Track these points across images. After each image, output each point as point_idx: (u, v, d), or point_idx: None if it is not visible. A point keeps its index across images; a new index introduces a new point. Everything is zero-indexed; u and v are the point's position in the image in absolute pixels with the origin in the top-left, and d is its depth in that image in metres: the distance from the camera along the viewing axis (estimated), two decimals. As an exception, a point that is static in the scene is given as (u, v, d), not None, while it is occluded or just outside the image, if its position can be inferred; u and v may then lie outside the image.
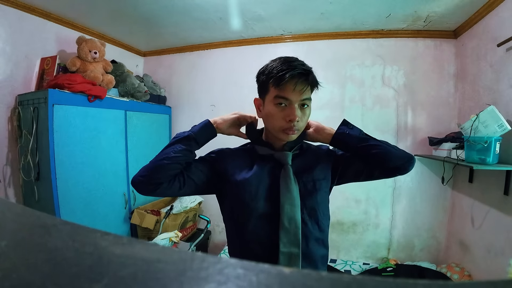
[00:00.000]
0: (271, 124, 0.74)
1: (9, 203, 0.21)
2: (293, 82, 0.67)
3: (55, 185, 1.60)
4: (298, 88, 0.68)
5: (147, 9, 1.91)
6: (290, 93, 0.68)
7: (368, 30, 2.18)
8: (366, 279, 0.12)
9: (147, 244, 0.15)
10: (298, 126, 0.71)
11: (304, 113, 0.72)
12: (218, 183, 0.80)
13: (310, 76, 0.70)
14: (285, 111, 0.70)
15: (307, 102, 0.72)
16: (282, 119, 0.70)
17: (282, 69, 0.68)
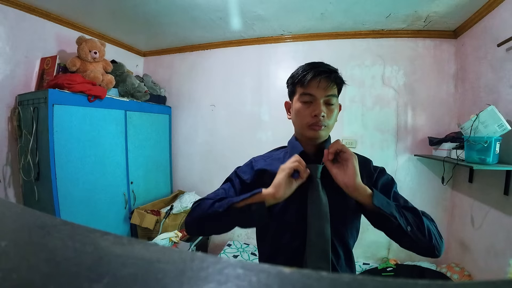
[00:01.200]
0: (299, 122, 0.75)
1: (9, 203, 0.21)
2: (317, 79, 0.70)
3: (55, 185, 1.60)
4: (322, 85, 0.70)
5: (147, 9, 1.91)
6: (314, 89, 0.71)
7: (368, 30, 2.18)
8: (366, 279, 0.12)
9: (147, 244, 0.15)
10: (324, 122, 0.71)
11: (330, 109, 0.72)
12: None
13: (334, 74, 0.72)
14: (310, 107, 0.71)
15: (332, 99, 0.72)
16: (308, 115, 0.71)
17: (307, 69, 0.73)
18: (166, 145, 2.69)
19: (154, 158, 2.48)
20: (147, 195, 2.38)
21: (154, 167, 2.48)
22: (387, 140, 2.21)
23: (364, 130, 2.25)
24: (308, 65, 0.74)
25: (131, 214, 2.16)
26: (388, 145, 2.21)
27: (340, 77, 0.74)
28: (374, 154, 2.23)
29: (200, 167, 2.70)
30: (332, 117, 0.73)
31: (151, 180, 2.44)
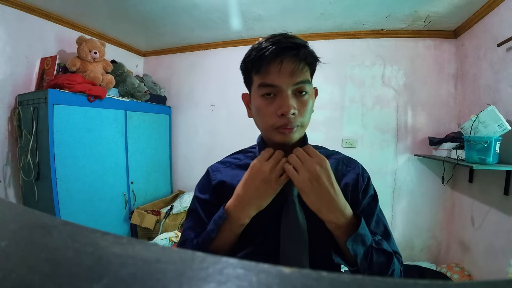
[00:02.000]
0: (262, 124, 0.55)
1: (9, 203, 0.21)
2: (277, 61, 0.49)
3: (55, 185, 1.60)
4: (286, 68, 0.49)
5: (147, 9, 1.91)
6: (275, 76, 0.50)
7: (368, 30, 2.18)
8: (366, 279, 0.12)
9: (147, 244, 0.15)
10: (297, 121, 0.51)
11: (302, 102, 0.52)
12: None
13: (302, 50, 0.50)
14: (274, 102, 0.51)
15: (304, 87, 0.52)
16: (272, 114, 0.51)
17: (263, 47, 0.50)
18: (166, 145, 2.69)
19: (154, 158, 2.48)
20: (147, 195, 2.38)
21: (154, 167, 2.48)
22: (387, 140, 2.21)
23: (364, 130, 2.25)
24: (265, 41, 0.51)
25: (131, 214, 2.16)
26: (388, 145, 2.21)
27: (312, 54, 0.53)
28: (374, 154, 2.23)
29: (200, 167, 2.70)
30: (306, 113, 0.53)
31: (151, 180, 2.44)
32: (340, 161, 0.64)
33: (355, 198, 0.59)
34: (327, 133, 2.33)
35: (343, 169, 0.62)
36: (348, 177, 0.60)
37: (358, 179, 0.60)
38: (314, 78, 0.57)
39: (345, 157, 0.67)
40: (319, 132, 2.35)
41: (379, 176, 2.23)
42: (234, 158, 0.67)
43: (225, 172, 0.64)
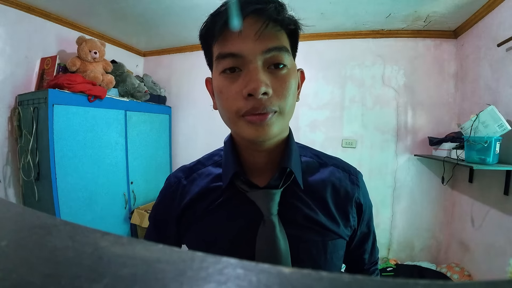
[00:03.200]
0: (225, 113, 0.41)
1: (9, 203, 0.21)
2: (238, 19, 0.36)
3: (55, 185, 1.60)
4: (250, 29, 0.36)
5: (147, 9, 1.91)
6: (236, 41, 0.37)
7: (368, 30, 2.18)
8: (366, 279, 0.12)
9: (147, 244, 0.15)
10: (272, 105, 0.38)
11: (280, 78, 0.39)
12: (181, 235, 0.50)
13: (271, 5, 0.37)
14: (239, 80, 0.38)
15: (280, 57, 0.38)
16: (237, 95, 0.38)
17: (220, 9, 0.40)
18: (166, 145, 2.69)
19: (154, 158, 2.48)
20: (147, 195, 2.38)
21: (154, 167, 2.48)
22: (387, 140, 2.21)
23: (364, 130, 2.25)
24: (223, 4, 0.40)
25: (131, 214, 2.16)
26: (388, 145, 2.21)
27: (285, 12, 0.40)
28: (374, 154, 2.23)
29: (200, 167, 2.70)
30: (286, 93, 0.39)
31: (151, 180, 2.44)
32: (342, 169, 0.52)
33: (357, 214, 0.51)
34: (327, 133, 2.33)
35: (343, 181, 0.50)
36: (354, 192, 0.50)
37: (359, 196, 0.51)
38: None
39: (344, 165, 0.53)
40: (319, 132, 2.35)
41: (379, 176, 2.23)
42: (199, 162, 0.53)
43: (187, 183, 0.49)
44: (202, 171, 0.50)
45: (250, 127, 0.38)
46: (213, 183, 0.47)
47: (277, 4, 0.38)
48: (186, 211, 0.47)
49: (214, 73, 0.42)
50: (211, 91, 0.47)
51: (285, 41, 0.40)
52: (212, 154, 0.53)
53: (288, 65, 0.39)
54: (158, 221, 0.51)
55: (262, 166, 0.46)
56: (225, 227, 0.44)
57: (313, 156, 0.52)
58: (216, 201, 0.46)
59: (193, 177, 0.50)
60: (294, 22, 0.40)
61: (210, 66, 0.45)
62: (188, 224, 0.47)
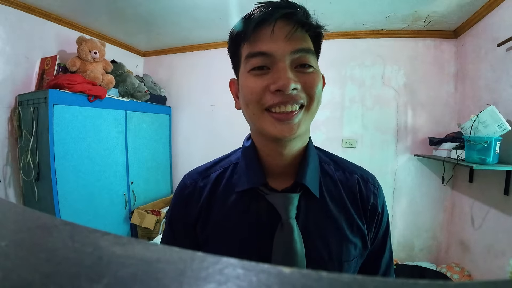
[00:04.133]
0: (252, 109, 0.41)
1: (9, 203, 0.21)
2: (270, 23, 0.39)
3: (55, 185, 1.60)
4: (280, 31, 0.39)
5: (147, 9, 1.91)
6: (267, 41, 0.39)
7: (368, 30, 2.18)
8: (366, 279, 0.12)
9: (147, 244, 0.15)
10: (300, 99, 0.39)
11: (308, 77, 0.40)
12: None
13: (300, 10, 0.40)
14: (268, 75, 0.39)
15: (307, 58, 0.40)
16: (263, 90, 0.39)
17: (250, 13, 0.41)
18: (166, 145, 2.69)
19: (154, 158, 2.48)
20: (147, 195, 2.38)
21: (154, 167, 2.48)
22: (387, 140, 2.21)
23: (364, 130, 2.25)
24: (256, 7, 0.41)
25: (131, 214, 2.16)
26: (388, 145, 2.21)
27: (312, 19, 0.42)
28: (374, 154, 2.23)
29: (200, 167, 2.70)
30: (313, 89, 0.40)
31: (151, 180, 2.44)
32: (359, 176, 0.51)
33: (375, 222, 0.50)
34: (327, 133, 2.33)
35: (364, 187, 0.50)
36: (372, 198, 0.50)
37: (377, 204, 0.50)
38: None
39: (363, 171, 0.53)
40: (319, 132, 2.35)
41: (379, 176, 2.20)
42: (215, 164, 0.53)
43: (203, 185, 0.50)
44: (219, 174, 0.50)
45: (276, 123, 0.39)
46: (230, 185, 0.48)
47: (304, 10, 0.41)
48: (203, 212, 0.48)
49: (242, 72, 0.43)
50: (234, 92, 0.49)
51: (311, 44, 0.42)
52: (228, 156, 0.54)
53: (314, 66, 0.41)
54: (175, 222, 0.51)
55: (281, 171, 0.46)
56: (242, 229, 0.45)
57: (333, 163, 0.52)
58: (233, 202, 0.46)
59: (210, 179, 0.50)
60: (319, 26, 0.43)
61: (236, 67, 0.47)
62: (204, 225, 0.48)
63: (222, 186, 0.49)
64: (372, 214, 0.49)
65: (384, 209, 0.51)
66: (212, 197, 0.48)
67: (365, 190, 0.49)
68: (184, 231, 0.49)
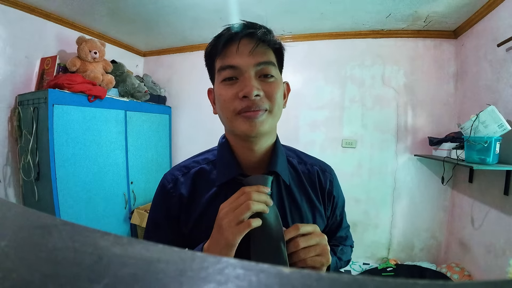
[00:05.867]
0: (223, 113, 0.50)
1: (9, 203, 0.21)
2: (235, 40, 0.47)
3: (55, 185, 1.60)
4: (244, 48, 0.47)
5: (147, 9, 1.91)
6: (234, 56, 0.47)
7: (368, 30, 2.18)
8: (366, 279, 0.12)
9: (147, 244, 0.15)
10: (263, 105, 0.47)
11: (268, 84, 0.48)
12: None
13: (260, 31, 0.48)
14: (236, 85, 0.48)
15: (268, 69, 0.48)
16: (233, 97, 0.47)
17: (220, 32, 0.50)
18: (166, 145, 2.69)
19: (154, 158, 2.48)
20: (147, 195, 2.38)
21: (154, 167, 2.48)
22: (387, 140, 2.21)
23: (364, 130, 2.25)
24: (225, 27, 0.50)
25: (131, 214, 2.16)
26: (388, 145, 2.21)
27: (273, 36, 0.50)
28: (374, 154, 2.23)
29: (200, 167, 2.70)
30: (274, 96, 0.48)
31: (151, 180, 2.44)
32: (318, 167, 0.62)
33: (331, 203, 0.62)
34: (327, 133, 2.33)
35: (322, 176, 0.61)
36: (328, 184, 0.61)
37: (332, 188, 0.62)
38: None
39: (321, 164, 0.64)
40: (319, 132, 2.35)
41: (379, 176, 2.23)
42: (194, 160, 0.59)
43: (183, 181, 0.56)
44: (197, 169, 0.57)
45: (245, 122, 0.47)
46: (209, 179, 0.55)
47: (265, 29, 0.49)
48: (185, 205, 0.54)
49: (216, 83, 0.52)
50: (212, 99, 0.58)
51: (272, 57, 0.51)
52: (204, 153, 0.61)
53: (275, 75, 0.50)
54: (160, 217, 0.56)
55: (254, 166, 0.54)
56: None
57: (296, 157, 0.62)
58: (213, 195, 0.53)
59: (190, 174, 0.57)
60: (278, 43, 0.52)
61: (212, 79, 0.56)
62: (188, 217, 0.53)
63: (203, 181, 0.55)
64: (329, 197, 0.60)
65: (338, 193, 0.63)
66: (193, 191, 0.55)
67: (323, 178, 0.61)
68: (168, 223, 0.55)
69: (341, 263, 0.62)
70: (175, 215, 0.54)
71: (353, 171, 2.28)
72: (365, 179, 2.26)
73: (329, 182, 0.61)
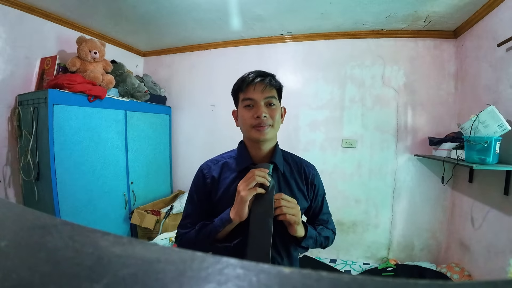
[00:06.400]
0: (244, 126, 0.79)
1: (9, 203, 0.21)
2: (253, 83, 0.77)
3: (55, 185, 1.60)
4: (258, 88, 0.77)
5: (147, 9, 1.91)
6: (252, 92, 0.77)
7: (368, 30, 2.18)
8: (366, 279, 0.12)
9: (147, 244, 0.15)
10: (268, 122, 0.76)
11: (271, 110, 0.78)
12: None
13: (269, 78, 0.79)
14: (252, 110, 0.77)
15: (272, 101, 0.78)
16: (251, 117, 0.77)
17: (244, 77, 0.80)
18: (166, 145, 2.69)
19: (154, 158, 2.48)
20: (147, 195, 2.38)
21: (154, 167, 2.48)
22: (387, 140, 2.21)
23: (364, 130, 2.25)
24: (246, 74, 0.80)
25: (131, 214, 2.16)
26: (388, 145, 2.21)
27: (276, 80, 0.80)
28: (374, 154, 2.23)
29: (200, 167, 2.70)
30: (275, 117, 0.78)
31: (151, 180, 2.44)
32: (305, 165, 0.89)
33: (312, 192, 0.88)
34: (327, 133, 2.33)
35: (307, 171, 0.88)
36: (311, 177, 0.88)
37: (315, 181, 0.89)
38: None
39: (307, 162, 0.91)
40: (319, 132, 2.35)
41: (379, 176, 2.23)
42: (221, 156, 0.90)
43: (215, 168, 0.85)
44: (223, 161, 0.87)
45: (257, 132, 0.77)
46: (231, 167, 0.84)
47: (272, 76, 0.80)
48: (214, 184, 0.83)
49: (239, 107, 0.81)
50: (235, 117, 0.87)
51: (275, 93, 0.80)
52: (228, 152, 0.90)
53: (275, 104, 0.79)
54: (196, 194, 0.85)
55: (261, 159, 0.83)
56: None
57: (290, 156, 0.90)
58: (233, 178, 0.82)
59: (218, 164, 0.86)
60: (279, 84, 0.82)
61: (236, 104, 0.85)
62: (216, 192, 0.82)
63: (227, 169, 0.84)
64: (311, 184, 0.88)
65: (319, 184, 0.90)
66: (220, 174, 0.84)
67: (307, 171, 0.88)
68: (204, 195, 0.84)
69: (320, 238, 0.84)
70: (208, 190, 0.83)
71: (353, 171, 2.28)
72: (365, 179, 2.26)
73: (311, 175, 0.88)
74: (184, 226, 0.83)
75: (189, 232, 0.80)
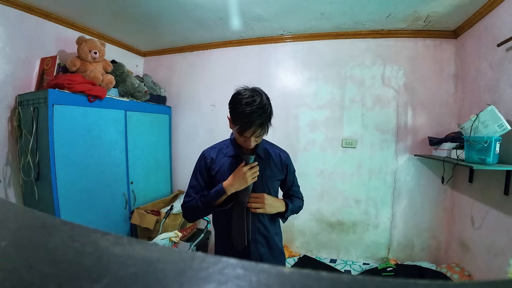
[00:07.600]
0: (236, 139, 1.04)
1: (9, 203, 0.21)
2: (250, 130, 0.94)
3: (55, 185, 1.60)
4: (251, 132, 0.95)
5: (147, 9, 1.91)
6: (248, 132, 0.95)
7: (368, 30, 2.18)
8: (366, 279, 0.12)
9: (147, 244, 0.15)
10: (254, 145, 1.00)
11: (259, 138, 0.99)
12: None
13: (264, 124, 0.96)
14: (243, 137, 0.97)
15: (260, 137, 1.00)
16: (243, 142, 1.00)
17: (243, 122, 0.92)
18: (166, 145, 2.69)
19: (154, 158, 2.48)
20: (147, 195, 2.38)
21: (154, 167, 2.48)
22: (387, 140, 2.21)
23: (364, 130, 2.25)
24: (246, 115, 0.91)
25: (131, 214, 2.15)
26: (388, 145, 2.21)
27: (267, 125, 0.96)
28: (374, 154, 2.23)
29: (200, 167, 2.70)
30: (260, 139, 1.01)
31: (151, 180, 2.44)
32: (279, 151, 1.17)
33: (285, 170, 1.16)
34: (327, 133, 2.33)
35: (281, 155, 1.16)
36: (284, 160, 1.16)
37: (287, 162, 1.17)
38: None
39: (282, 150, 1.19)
40: (319, 132, 2.35)
41: (379, 176, 2.23)
42: (218, 144, 1.16)
43: (213, 152, 1.12)
44: (219, 148, 1.13)
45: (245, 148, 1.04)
46: (225, 152, 1.10)
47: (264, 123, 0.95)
48: (212, 163, 1.09)
49: (234, 128, 0.99)
50: (230, 120, 1.02)
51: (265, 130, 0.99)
52: (223, 141, 1.16)
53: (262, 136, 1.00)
54: (199, 171, 1.11)
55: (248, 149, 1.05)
56: (230, 169, 1.04)
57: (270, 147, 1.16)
58: (226, 160, 1.08)
59: (215, 149, 1.13)
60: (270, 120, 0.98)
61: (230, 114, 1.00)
62: (213, 168, 1.08)
63: (221, 153, 1.11)
64: (285, 165, 1.16)
65: (290, 163, 1.18)
66: (217, 157, 1.10)
67: (282, 157, 1.16)
68: (205, 171, 1.09)
69: (293, 206, 1.14)
70: (208, 167, 1.09)
71: (353, 171, 2.28)
72: (365, 179, 2.26)
73: (285, 158, 1.16)
74: (188, 195, 1.08)
75: (192, 200, 1.05)
